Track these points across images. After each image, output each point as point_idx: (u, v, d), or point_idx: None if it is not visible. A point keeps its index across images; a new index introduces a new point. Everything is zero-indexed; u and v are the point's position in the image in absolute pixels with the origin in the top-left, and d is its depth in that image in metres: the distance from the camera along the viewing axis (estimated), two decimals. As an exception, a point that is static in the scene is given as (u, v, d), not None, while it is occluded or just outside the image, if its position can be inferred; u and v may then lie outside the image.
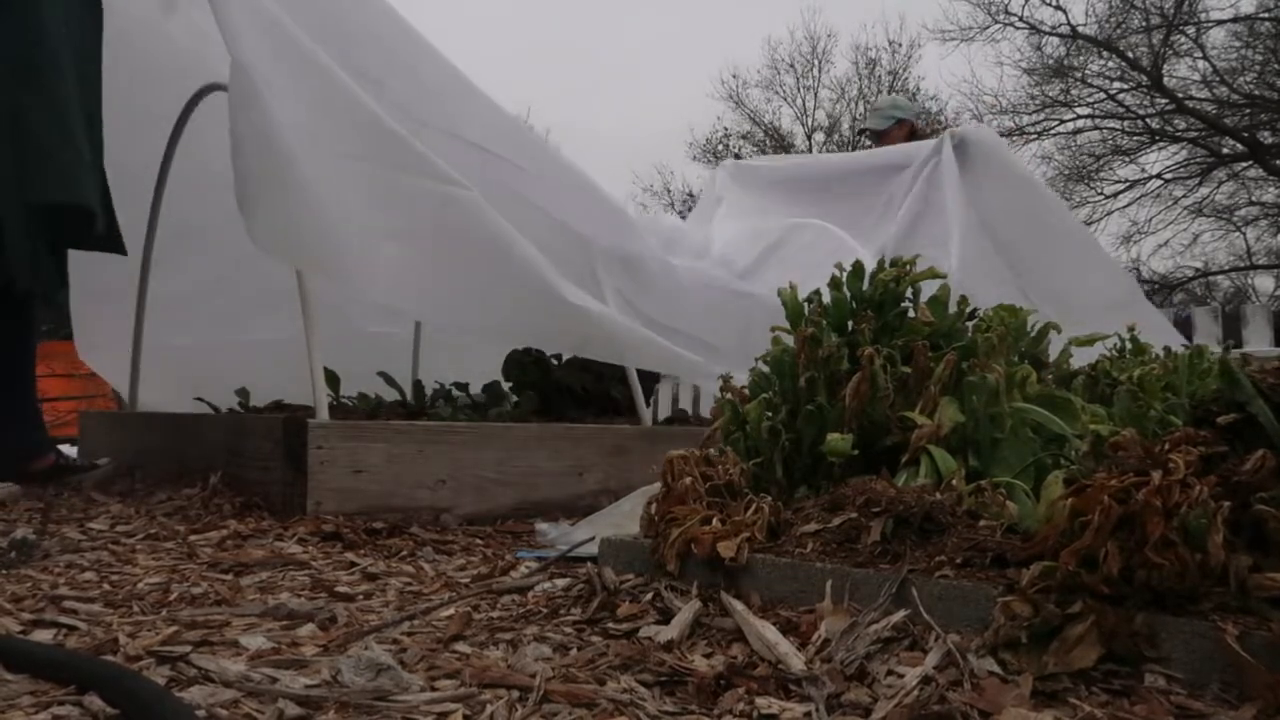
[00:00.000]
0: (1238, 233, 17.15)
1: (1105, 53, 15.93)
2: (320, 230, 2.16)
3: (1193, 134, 16.04)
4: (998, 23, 16.20)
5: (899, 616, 1.10)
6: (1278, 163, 15.40)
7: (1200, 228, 17.00)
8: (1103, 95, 16.35)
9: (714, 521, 1.38)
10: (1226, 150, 15.90)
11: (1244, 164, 15.81)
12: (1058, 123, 16.79)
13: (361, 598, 1.45)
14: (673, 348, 2.80)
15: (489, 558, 1.83)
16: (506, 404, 3.15)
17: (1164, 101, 15.74)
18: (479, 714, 0.93)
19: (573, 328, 2.57)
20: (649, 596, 1.33)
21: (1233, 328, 5.72)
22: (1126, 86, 16.12)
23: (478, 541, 2.01)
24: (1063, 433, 1.54)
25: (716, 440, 1.78)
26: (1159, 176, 16.57)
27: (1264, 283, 18.01)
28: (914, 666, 1.00)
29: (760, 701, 0.95)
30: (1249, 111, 15.29)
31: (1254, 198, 16.69)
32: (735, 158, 5.83)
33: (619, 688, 1.00)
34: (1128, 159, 16.74)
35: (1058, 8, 15.87)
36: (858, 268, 1.83)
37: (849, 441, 1.55)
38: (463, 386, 3.32)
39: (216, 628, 1.22)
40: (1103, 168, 16.95)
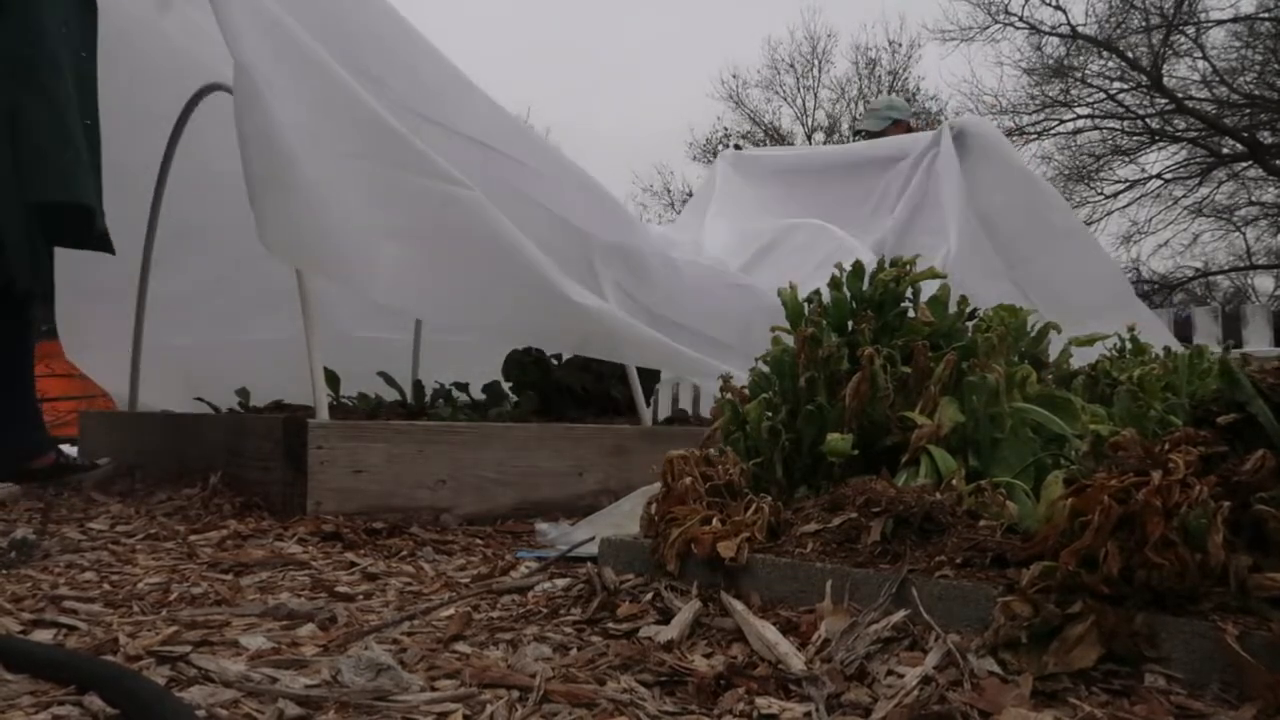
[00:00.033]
0: (1237, 233, 17.17)
1: (1105, 53, 15.92)
2: (322, 230, 2.16)
3: (1193, 134, 16.03)
4: (998, 23, 16.22)
5: (899, 616, 1.10)
6: (1278, 163, 15.40)
7: (1200, 228, 17.02)
8: (1103, 95, 16.35)
9: (714, 521, 1.38)
10: (1226, 150, 15.89)
11: (1244, 164, 15.80)
12: (1058, 123, 16.79)
13: (361, 598, 1.45)
14: (673, 345, 2.79)
15: (489, 558, 1.83)
16: (506, 404, 3.15)
17: (1164, 101, 15.73)
18: (479, 714, 0.93)
19: (574, 326, 2.57)
20: (649, 596, 1.33)
21: (1233, 328, 5.73)
22: (1126, 86, 16.11)
23: (478, 541, 2.01)
24: (1063, 433, 1.54)
25: (716, 440, 1.78)
26: (1159, 176, 16.57)
27: (1264, 283, 18.05)
28: (914, 666, 1.00)
29: (760, 701, 0.96)
30: (1249, 111, 15.28)
31: (1254, 198, 16.70)
32: (735, 148, 5.75)
33: (619, 688, 1.00)
34: (1128, 159, 16.74)
35: (1058, 8, 15.88)
36: (857, 267, 1.83)
37: (849, 441, 1.55)
38: (463, 386, 3.32)
39: (216, 628, 1.22)
40: (1103, 168, 16.94)
